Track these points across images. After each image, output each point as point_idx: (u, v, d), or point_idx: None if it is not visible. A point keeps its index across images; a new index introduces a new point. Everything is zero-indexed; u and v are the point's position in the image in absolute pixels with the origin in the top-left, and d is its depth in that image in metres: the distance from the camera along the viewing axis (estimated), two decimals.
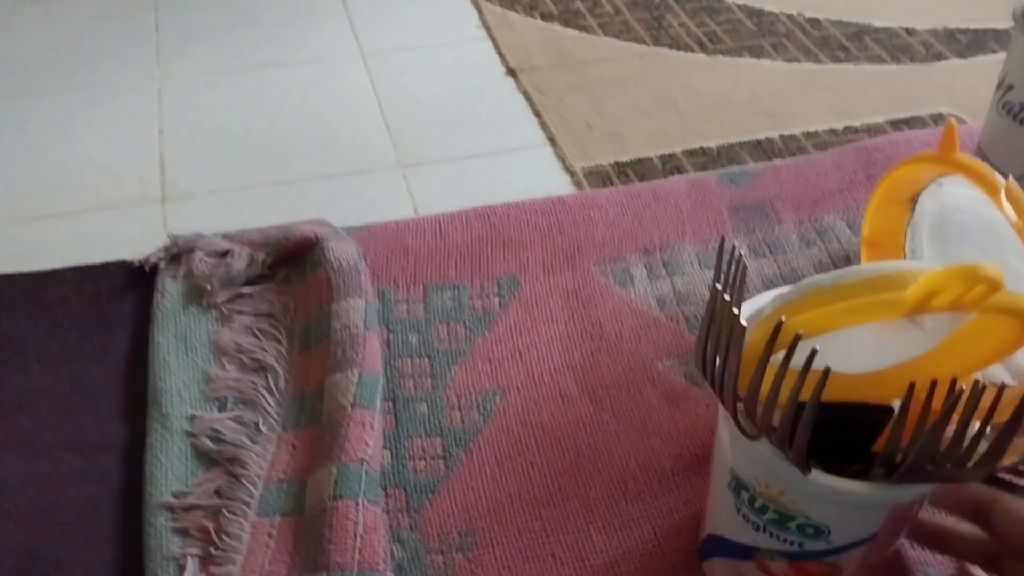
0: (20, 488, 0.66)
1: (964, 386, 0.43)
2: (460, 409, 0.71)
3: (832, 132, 0.98)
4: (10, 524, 0.64)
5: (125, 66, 1.08)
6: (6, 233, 0.87)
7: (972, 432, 0.44)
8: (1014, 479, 0.47)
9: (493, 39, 1.13)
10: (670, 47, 1.11)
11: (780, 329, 0.45)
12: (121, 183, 0.92)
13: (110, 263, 0.81)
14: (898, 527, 0.54)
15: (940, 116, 1.00)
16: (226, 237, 0.81)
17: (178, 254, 0.80)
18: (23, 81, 1.06)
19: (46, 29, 1.14)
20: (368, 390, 0.68)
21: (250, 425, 0.69)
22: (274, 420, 0.69)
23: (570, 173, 0.93)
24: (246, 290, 0.78)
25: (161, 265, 0.80)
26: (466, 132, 0.99)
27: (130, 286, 0.80)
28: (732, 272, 0.50)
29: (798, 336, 0.44)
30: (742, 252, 0.49)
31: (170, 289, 0.78)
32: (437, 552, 0.62)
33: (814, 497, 0.49)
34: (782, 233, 0.84)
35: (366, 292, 0.76)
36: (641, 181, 0.92)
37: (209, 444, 0.67)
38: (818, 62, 1.09)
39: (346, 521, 0.61)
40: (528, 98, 1.04)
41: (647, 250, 0.82)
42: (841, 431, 0.48)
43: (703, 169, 0.93)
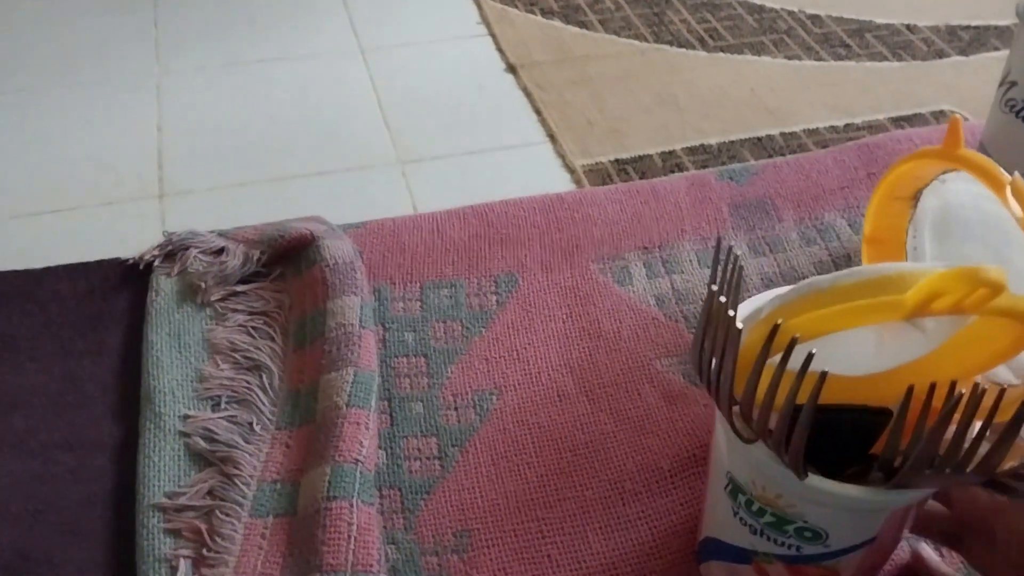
0: (12, 487, 0.66)
1: (963, 390, 0.43)
2: (456, 408, 0.70)
3: (833, 129, 0.98)
4: (2, 523, 0.64)
5: (124, 62, 1.08)
6: (5, 229, 0.86)
7: (972, 436, 0.44)
8: (1015, 483, 0.46)
9: (493, 35, 1.12)
10: (671, 44, 1.10)
11: (777, 331, 0.45)
12: (120, 179, 0.92)
13: (104, 260, 0.81)
14: (898, 529, 0.53)
15: (942, 113, 1.00)
16: (221, 235, 0.81)
17: (173, 252, 0.80)
18: (22, 77, 1.05)
19: (45, 25, 1.13)
20: (363, 389, 0.68)
21: (244, 424, 0.68)
22: (268, 419, 0.69)
23: (570, 170, 0.93)
24: (240, 288, 0.78)
25: (155, 263, 0.80)
26: (466, 129, 0.99)
27: (124, 284, 0.80)
28: (728, 273, 0.49)
29: (795, 339, 0.44)
30: (739, 253, 0.49)
31: (164, 287, 0.78)
32: (432, 553, 0.62)
33: (811, 501, 0.49)
34: (782, 231, 0.84)
35: (362, 290, 0.75)
36: (641, 178, 0.91)
37: (202, 444, 0.67)
38: (819, 59, 1.08)
39: (340, 522, 0.60)
40: (528, 95, 1.03)
41: (646, 248, 0.82)
42: (839, 434, 0.47)
43: (704, 166, 0.93)
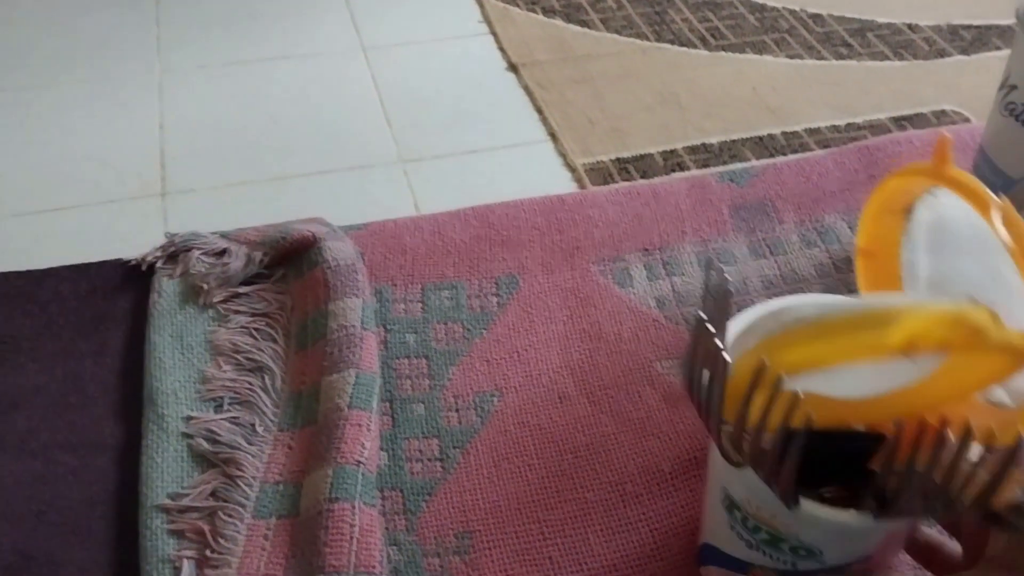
0: (14, 488, 0.66)
1: (951, 434, 0.43)
2: (458, 410, 0.70)
3: (835, 129, 0.98)
4: (4, 524, 0.64)
5: (125, 60, 1.08)
6: (4, 228, 0.86)
7: (966, 467, 0.44)
8: (1014, 518, 0.46)
9: (495, 34, 1.12)
10: (672, 43, 1.10)
11: (763, 370, 0.45)
12: (121, 178, 0.92)
13: (106, 261, 0.81)
14: (895, 545, 0.54)
15: (943, 113, 1.00)
16: (223, 236, 0.81)
17: (175, 253, 0.80)
18: (23, 74, 1.05)
19: (46, 22, 1.13)
20: (365, 391, 0.68)
21: (246, 426, 0.68)
22: (270, 421, 0.69)
23: (571, 169, 0.93)
24: (243, 289, 0.78)
25: (158, 264, 0.80)
26: (467, 127, 0.99)
27: (126, 285, 0.80)
28: (717, 300, 0.49)
29: (780, 378, 0.44)
30: (729, 278, 0.49)
31: (166, 288, 0.78)
32: (434, 555, 0.62)
33: (805, 523, 0.49)
34: (783, 233, 0.84)
35: (363, 292, 0.75)
36: (642, 178, 0.91)
37: (205, 445, 0.67)
38: (821, 58, 1.08)
39: (342, 524, 0.60)
40: (529, 93, 1.03)
41: (647, 250, 0.82)
42: (831, 458, 0.47)
43: (705, 165, 0.93)
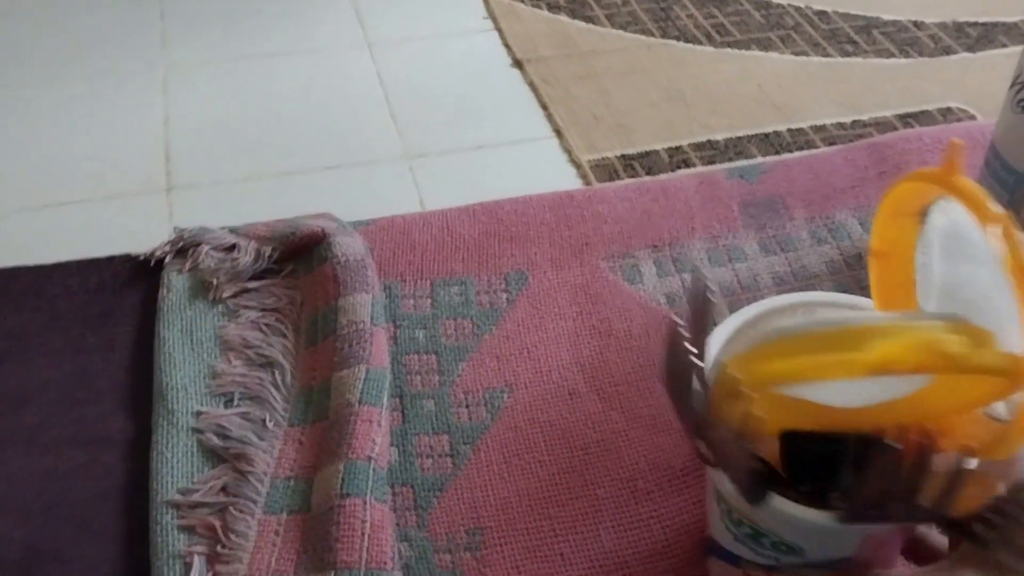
0: (24, 483, 0.66)
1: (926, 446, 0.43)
2: (468, 406, 0.70)
3: (840, 126, 0.98)
4: (14, 519, 0.64)
5: (130, 55, 1.07)
6: (10, 222, 0.86)
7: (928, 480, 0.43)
8: (978, 528, 0.45)
9: (499, 30, 1.12)
10: (677, 39, 1.10)
11: (727, 377, 0.46)
12: (125, 173, 0.91)
13: (115, 256, 0.81)
14: (880, 550, 0.53)
15: (949, 110, 1.00)
16: (232, 231, 0.81)
17: (184, 248, 0.80)
18: (28, 70, 1.05)
19: (50, 17, 1.13)
20: (375, 387, 0.68)
21: (257, 421, 0.68)
22: (281, 416, 0.69)
23: (576, 165, 0.93)
24: (252, 285, 0.77)
25: (167, 259, 0.80)
26: (472, 123, 0.98)
27: (135, 280, 0.80)
28: (697, 306, 0.49)
29: (737, 381, 0.45)
30: (712, 288, 0.49)
31: (176, 283, 0.78)
32: (445, 551, 0.62)
33: (779, 520, 0.49)
34: (793, 230, 0.83)
35: (373, 287, 0.75)
36: (648, 174, 0.91)
37: (215, 440, 0.67)
38: (826, 55, 1.08)
39: (353, 519, 0.60)
40: (534, 89, 1.03)
41: (656, 246, 0.82)
42: (810, 458, 0.47)
43: (711, 162, 0.92)
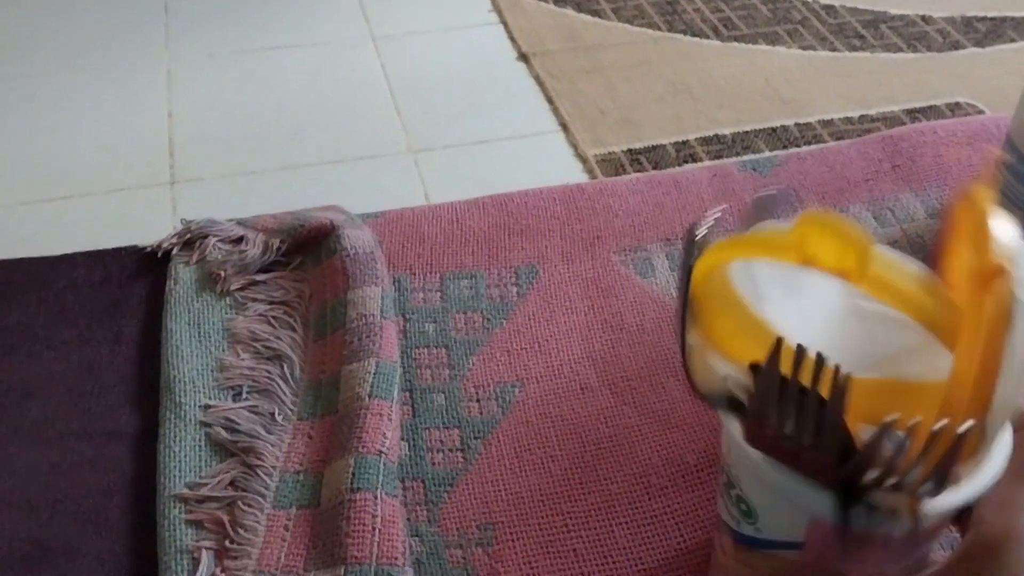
0: (30, 477, 0.65)
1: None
2: (478, 400, 0.70)
3: (847, 120, 0.97)
4: (20, 513, 0.63)
5: (134, 48, 1.07)
6: (13, 215, 0.86)
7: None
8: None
9: (505, 23, 1.11)
10: (684, 33, 1.10)
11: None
12: (130, 166, 0.91)
13: (121, 248, 0.80)
14: (827, 546, 0.48)
15: (957, 105, 0.99)
16: (240, 223, 0.80)
17: (191, 240, 0.79)
18: (31, 62, 1.04)
19: (54, 10, 1.12)
20: (385, 380, 0.67)
21: (265, 415, 0.68)
22: (290, 410, 0.68)
23: (582, 160, 0.92)
24: (260, 277, 0.77)
25: (174, 251, 0.79)
26: (477, 117, 0.98)
27: (141, 272, 0.79)
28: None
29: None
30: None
31: (183, 275, 0.77)
32: (456, 546, 0.61)
33: (740, 461, 0.47)
34: None
35: (382, 280, 0.74)
36: (654, 168, 0.91)
37: (224, 434, 0.66)
38: (834, 50, 1.08)
39: (364, 514, 0.60)
40: (540, 83, 1.02)
41: (668, 239, 0.81)
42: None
43: (718, 156, 0.92)
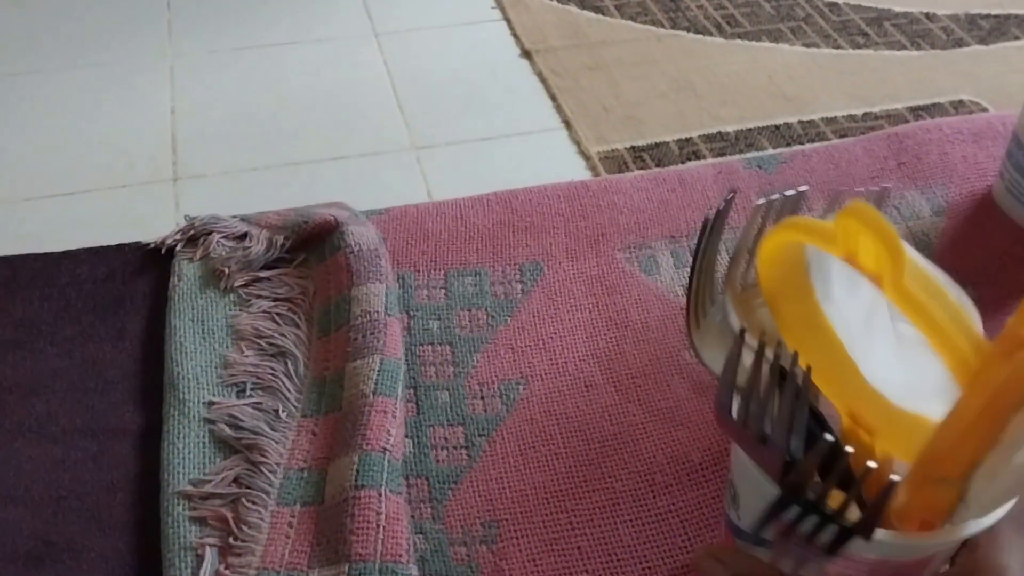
0: (34, 473, 0.65)
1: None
2: (483, 398, 0.69)
3: (851, 118, 0.97)
4: (24, 510, 0.63)
5: (136, 44, 1.07)
6: (16, 212, 0.85)
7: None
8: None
9: (508, 20, 1.11)
10: (688, 30, 1.10)
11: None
12: (132, 162, 0.91)
13: (125, 244, 0.80)
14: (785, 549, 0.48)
15: (961, 103, 0.99)
16: (243, 220, 0.80)
17: (195, 236, 0.79)
18: (34, 59, 1.04)
19: (57, 7, 1.12)
20: (389, 377, 0.67)
21: (269, 411, 0.68)
22: (294, 407, 0.68)
23: (585, 157, 0.92)
24: (264, 274, 0.77)
25: (178, 247, 0.79)
26: (480, 114, 0.98)
27: (145, 268, 0.79)
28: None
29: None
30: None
31: (187, 272, 0.77)
32: (460, 544, 0.61)
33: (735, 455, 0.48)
34: None
35: (386, 277, 0.74)
36: (658, 166, 0.90)
37: (227, 431, 0.66)
38: (837, 47, 1.07)
39: (368, 511, 0.59)
40: (543, 80, 1.02)
41: (673, 237, 0.81)
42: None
43: (721, 154, 0.92)
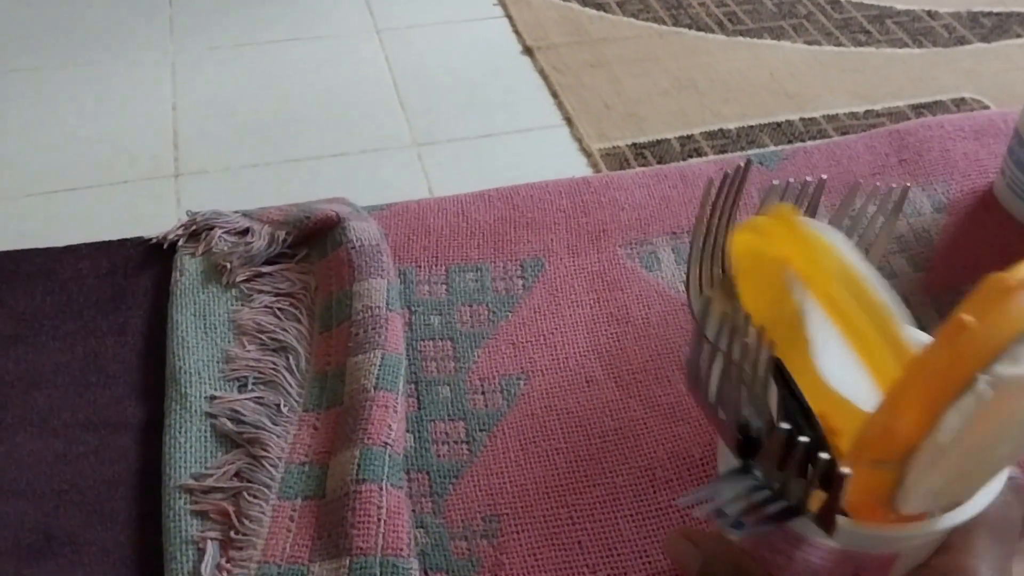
0: (35, 467, 0.65)
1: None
2: (484, 393, 0.70)
3: (853, 115, 0.97)
4: (25, 503, 0.63)
5: (138, 41, 1.07)
6: (18, 208, 0.85)
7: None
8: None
9: (510, 16, 1.11)
10: (689, 27, 1.10)
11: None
12: (134, 158, 0.91)
13: (127, 239, 0.80)
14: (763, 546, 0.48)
15: (963, 101, 0.99)
16: (245, 215, 0.80)
17: (197, 231, 0.79)
18: (36, 55, 1.04)
19: (59, 3, 1.12)
20: (391, 372, 0.67)
21: (271, 406, 0.68)
22: (295, 401, 0.68)
23: (587, 154, 0.92)
24: (266, 269, 0.77)
25: (179, 242, 0.79)
26: (481, 111, 0.98)
27: (147, 263, 0.79)
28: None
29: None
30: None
31: (188, 267, 0.77)
32: (461, 538, 0.61)
33: None
34: (820, 219, 0.82)
35: (388, 272, 0.74)
36: (659, 163, 0.90)
37: (229, 425, 0.66)
38: (839, 45, 1.07)
39: (369, 505, 0.60)
40: (545, 77, 1.02)
41: (675, 233, 0.81)
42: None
43: (722, 151, 0.92)
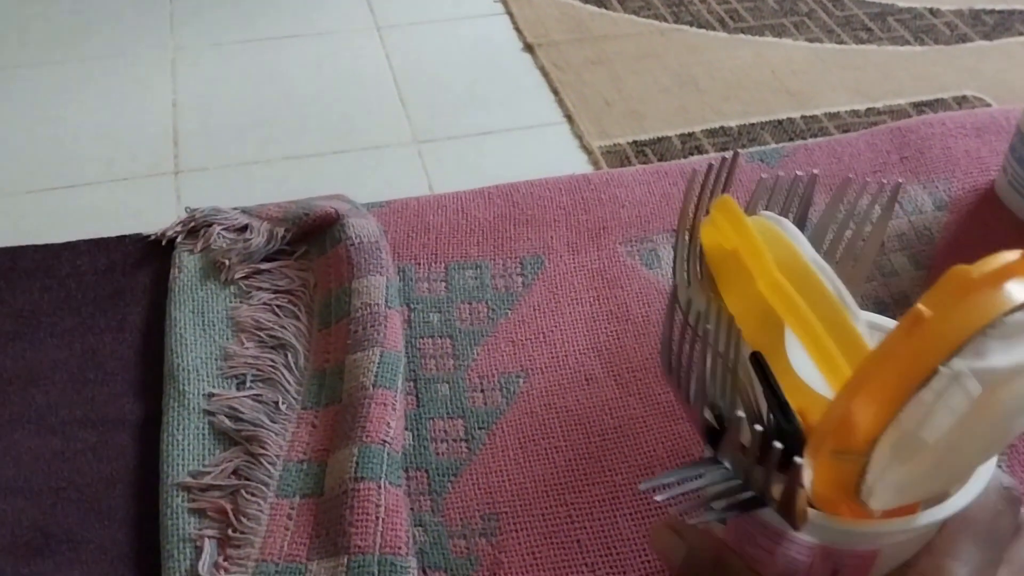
0: (33, 464, 0.65)
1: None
2: (483, 391, 0.69)
3: (854, 113, 0.97)
4: (23, 501, 0.63)
5: (138, 37, 1.06)
6: (17, 204, 0.85)
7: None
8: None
9: (510, 14, 1.11)
10: (691, 24, 1.09)
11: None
12: (134, 155, 0.91)
13: (126, 236, 0.80)
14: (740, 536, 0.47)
15: (964, 99, 0.99)
16: (244, 212, 0.80)
17: (196, 228, 0.79)
18: (35, 51, 1.04)
19: None
20: (390, 370, 0.67)
21: (269, 403, 0.67)
22: (293, 399, 0.68)
23: (587, 151, 0.92)
24: (265, 266, 0.76)
25: (178, 239, 0.79)
26: (482, 108, 0.98)
27: (146, 260, 0.79)
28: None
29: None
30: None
31: (187, 264, 0.77)
32: (460, 536, 0.61)
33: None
34: (814, 215, 0.82)
35: (387, 270, 0.74)
36: (660, 160, 0.90)
37: (227, 423, 0.66)
38: (841, 42, 1.07)
39: (367, 504, 0.59)
40: (545, 74, 1.02)
41: (675, 231, 0.81)
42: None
43: (723, 149, 0.92)
